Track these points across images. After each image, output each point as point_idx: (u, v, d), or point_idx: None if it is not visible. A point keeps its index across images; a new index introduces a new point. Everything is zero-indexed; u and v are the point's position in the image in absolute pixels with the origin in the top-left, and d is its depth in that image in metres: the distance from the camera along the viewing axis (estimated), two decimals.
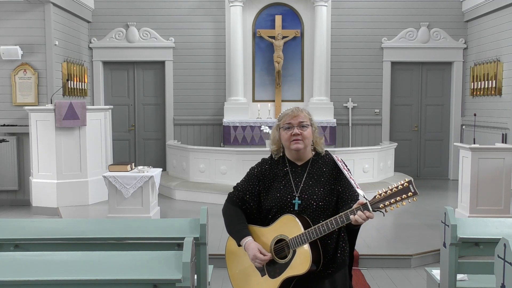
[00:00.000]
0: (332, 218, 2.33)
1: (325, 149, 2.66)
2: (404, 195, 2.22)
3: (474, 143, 6.69)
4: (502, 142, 7.83)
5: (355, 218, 2.25)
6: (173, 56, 9.80)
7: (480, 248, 3.06)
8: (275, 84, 9.63)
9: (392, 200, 2.23)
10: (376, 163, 8.04)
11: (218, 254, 4.96)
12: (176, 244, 2.95)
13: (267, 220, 2.57)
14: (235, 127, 9.21)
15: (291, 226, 2.42)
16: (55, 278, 2.25)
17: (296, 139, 2.52)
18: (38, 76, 7.80)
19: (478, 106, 9.12)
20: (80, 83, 9.08)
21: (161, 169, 6.69)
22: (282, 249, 2.46)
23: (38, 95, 7.81)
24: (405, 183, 2.23)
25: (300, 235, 2.38)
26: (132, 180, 6.04)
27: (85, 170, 7.19)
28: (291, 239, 2.41)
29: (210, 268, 3.35)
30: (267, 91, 9.78)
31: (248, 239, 2.52)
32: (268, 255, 2.45)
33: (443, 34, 9.73)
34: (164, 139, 9.91)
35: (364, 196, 2.34)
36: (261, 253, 2.45)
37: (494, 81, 8.45)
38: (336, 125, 9.34)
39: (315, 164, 2.59)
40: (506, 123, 8.07)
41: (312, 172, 2.57)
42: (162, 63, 9.88)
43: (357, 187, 2.41)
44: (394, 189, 2.24)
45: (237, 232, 2.57)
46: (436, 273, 3.45)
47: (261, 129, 8.34)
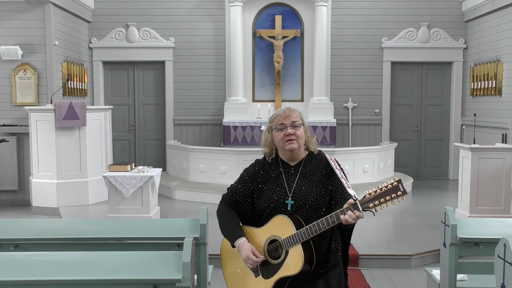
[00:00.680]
0: (324, 218, 2.35)
1: (319, 149, 2.67)
2: (394, 194, 2.23)
3: (474, 143, 6.69)
4: (502, 142, 7.83)
5: (345, 218, 2.27)
6: (173, 56, 9.80)
7: (480, 248, 3.06)
8: (275, 84, 9.63)
9: (382, 200, 2.24)
10: (376, 163, 8.04)
11: (218, 254, 4.95)
12: (176, 244, 2.95)
13: (261, 221, 2.58)
14: (235, 127, 9.21)
15: (284, 227, 2.43)
16: (55, 278, 2.25)
17: (290, 139, 2.53)
18: (38, 76, 7.80)
19: (478, 106, 9.12)
20: (80, 83, 9.08)
21: (161, 169, 6.69)
22: (275, 250, 2.47)
23: (38, 95, 7.81)
24: (395, 183, 2.24)
25: (292, 236, 2.39)
26: (132, 180, 6.04)
27: (85, 170, 7.19)
28: (284, 240, 2.43)
29: (210, 268, 3.35)
30: (267, 91, 9.78)
31: (242, 240, 2.53)
32: (261, 258, 2.47)
33: (443, 34, 9.73)
34: (164, 139, 9.91)
35: (355, 196, 2.35)
36: (254, 255, 2.47)
37: (494, 81, 8.45)
38: (336, 125, 9.34)
39: (308, 164, 2.60)
40: (506, 123, 8.07)
41: (305, 172, 2.57)
42: (162, 63, 9.88)
43: (348, 187, 2.42)
44: (384, 189, 2.25)
45: (231, 233, 2.59)
46: (436, 273, 3.45)
47: (261, 129, 8.35)
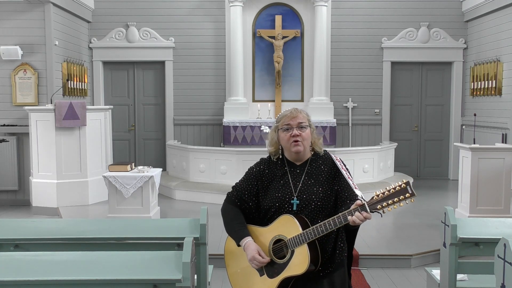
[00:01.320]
0: (330, 219, 2.34)
1: (324, 149, 2.66)
2: (402, 196, 2.22)
3: (474, 143, 6.68)
4: (502, 142, 7.83)
5: (353, 219, 2.26)
6: (173, 56, 9.80)
7: (480, 248, 3.06)
8: (275, 84, 9.63)
9: (390, 201, 2.23)
10: (376, 163, 8.04)
11: (218, 254, 4.96)
12: (176, 244, 2.95)
13: (265, 220, 2.58)
14: (235, 127, 9.21)
15: (290, 226, 2.43)
16: (55, 278, 2.25)
17: (296, 141, 2.53)
18: (38, 76, 7.80)
19: (478, 106, 9.12)
20: (80, 83, 9.08)
21: (161, 169, 6.69)
22: (281, 249, 2.47)
23: (38, 95, 7.81)
24: (403, 184, 2.23)
25: (298, 235, 2.38)
26: (132, 180, 6.04)
27: (85, 170, 7.19)
28: (290, 239, 2.42)
29: (210, 268, 3.35)
30: (267, 91, 9.78)
31: (248, 240, 2.52)
32: (267, 259, 2.47)
33: (443, 34, 9.73)
34: (164, 139, 9.91)
35: (362, 197, 2.35)
36: (260, 255, 2.46)
37: (494, 81, 8.45)
38: (336, 125, 9.34)
39: (314, 164, 2.59)
40: (506, 123, 8.07)
41: (311, 172, 2.57)
42: (162, 63, 9.88)
43: (355, 188, 2.41)
44: (392, 190, 2.25)
45: (236, 232, 2.58)
46: (436, 273, 3.45)
47: (261, 129, 8.34)
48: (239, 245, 2.55)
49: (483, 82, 8.86)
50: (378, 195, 2.27)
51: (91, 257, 2.38)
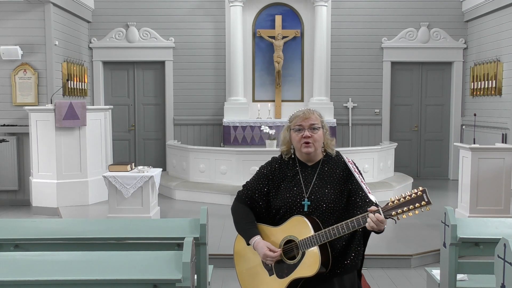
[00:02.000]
0: (343, 223, 2.32)
1: (336, 150, 2.65)
2: (417, 204, 2.20)
3: (474, 143, 6.68)
4: (502, 142, 7.83)
5: (371, 226, 2.24)
6: (173, 56, 9.80)
7: (480, 248, 3.06)
8: (275, 84, 9.63)
9: (405, 208, 2.21)
10: (376, 163, 8.04)
11: (218, 254, 4.97)
12: (176, 244, 2.95)
13: (276, 220, 2.57)
14: (235, 127, 9.21)
15: (301, 228, 2.41)
16: (55, 278, 2.25)
17: (307, 142, 2.51)
18: (38, 76, 7.80)
19: (478, 106, 9.12)
20: (80, 83, 9.08)
21: (161, 169, 6.69)
22: (291, 250, 2.45)
23: (38, 95, 7.81)
24: (419, 192, 2.21)
25: (310, 237, 2.37)
26: (132, 180, 6.03)
27: (85, 170, 7.19)
28: (301, 241, 2.40)
29: (210, 268, 3.35)
30: (267, 91, 9.78)
31: (257, 238, 2.51)
32: (278, 251, 2.45)
33: (443, 34, 9.73)
34: (164, 139, 9.91)
35: (376, 203, 2.33)
36: (271, 250, 2.45)
37: (494, 81, 8.45)
38: (336, 125, 9.34)
39: (326, 165, 2.58)
40: (506, 123, 8.07)
41: (322, 173, 2.55)
42: (162, 63, 9.88)
43: (369, 193, 2.39)
44: (408, 197, 2.22)
45: (246, 231, 2.57)
46: (436, 273, 3.45)
47: (261, 129, 8.33)
48: (249, 244, 2.55)
49: (483, 82, 8.86)
50: (394, 201, 2.25)
51: (91, 257, 2.38)
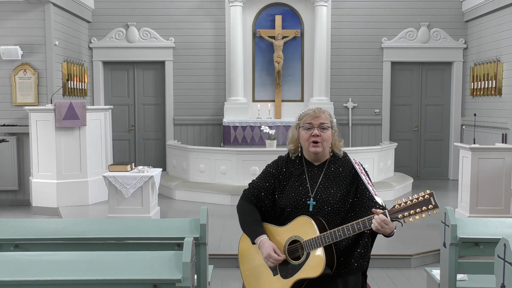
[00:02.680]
0: (349, 224, 2.32)
1: (343, 150, 2.64)
2: (424, 207, 2.19)
3: (474, 143, 6.68)
4: (502, 142, 7.82)
5: (376, 227, 2.24)
6: (173, 56, 9.80)
7: (480, 248, 3.06)
8: (275, 84, 9.63)
9: (412, 211, 2.21)
10: (376, 163, 8.04)
11: (218, 254, 4.98)
12: (176, 244, 2.94)
13: (281, 219, 2.56)
14: (235, 127, 9.21)
15: (307, 228, 2.41)
16: (55, 278, 2.24)
17: (315, 142, 2.51)
18: (38, 76, 7.80)
19: (478, 106, 9.12)
20: (80, 83, 9.08)
21: (161, 169, 6.69)
22: (296, 250, 2.45)
23: (38, 95, 7.81)
24: (426, 195, 2.21)
25: (315, 238, 2.36)
26: (132, 180, 6.03)
27: (85, 170, 7.19)
28: (306, 242, 2.40)
29: (210, 268, 3.35)
30: (267, 91, 9.78)
31: (263, 238, 2.50)
32: (282, 256, 2.44)
33: (443, 34, 9.73)
34: (164, 139, 9.91)
35: (383, 205, 2.32)
36: (276, 253, 2.44)
37: (494, 81, 8.45)
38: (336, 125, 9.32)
39: (333, 165, 2.57)
40: (506, 123, 8.07)
41: (329, 174, 2.55)
42: (162, 63, 9.88)
43: (376, 195, 2.38)
44: (415, 200, 2.22)
45: (252, 230, 2.56)
46: (436, 273, 3.45)
47: (261, 129, 8.33)
48: (254, 243, 2.53)
49: (483, 82, 8.86)
50: (400, 204, 2.24)
51: (91, 257, 2.38)
